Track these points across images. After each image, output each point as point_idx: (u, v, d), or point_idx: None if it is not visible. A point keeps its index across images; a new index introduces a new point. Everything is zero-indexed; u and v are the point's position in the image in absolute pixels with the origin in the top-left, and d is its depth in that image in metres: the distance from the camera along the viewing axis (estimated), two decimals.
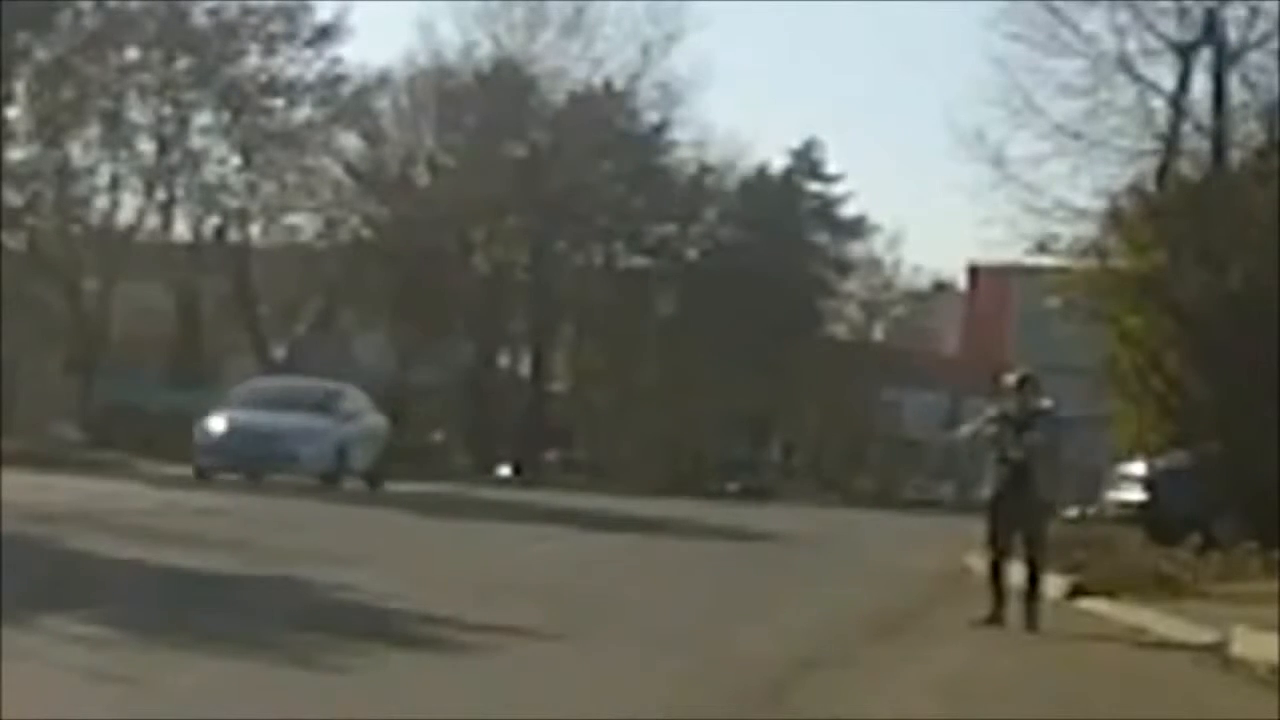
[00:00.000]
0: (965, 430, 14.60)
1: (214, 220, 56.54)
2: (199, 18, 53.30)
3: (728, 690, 9.56)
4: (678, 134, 67.58)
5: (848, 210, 74.54)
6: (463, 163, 61.53)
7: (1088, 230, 28.99)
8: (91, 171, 52.93)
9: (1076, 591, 16.19)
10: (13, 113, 48.44)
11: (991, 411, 13.96)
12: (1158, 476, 24.59)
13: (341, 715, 8.15)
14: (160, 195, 54.90)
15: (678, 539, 24.82)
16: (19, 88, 48.60)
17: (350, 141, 60.02)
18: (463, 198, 59.38)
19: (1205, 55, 29.46)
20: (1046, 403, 13.88)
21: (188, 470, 29.64)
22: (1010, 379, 13.91)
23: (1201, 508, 22.70)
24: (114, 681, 8.37)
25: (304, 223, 58.70)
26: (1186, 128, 29.69)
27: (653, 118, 66.99)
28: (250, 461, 29.29)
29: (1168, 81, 29.96)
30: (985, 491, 14.06)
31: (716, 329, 64.38)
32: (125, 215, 54.26)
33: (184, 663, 9.18)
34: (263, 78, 54.54)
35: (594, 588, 15.41)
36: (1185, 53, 29.60)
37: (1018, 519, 13.68)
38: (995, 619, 13.50)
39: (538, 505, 30.16)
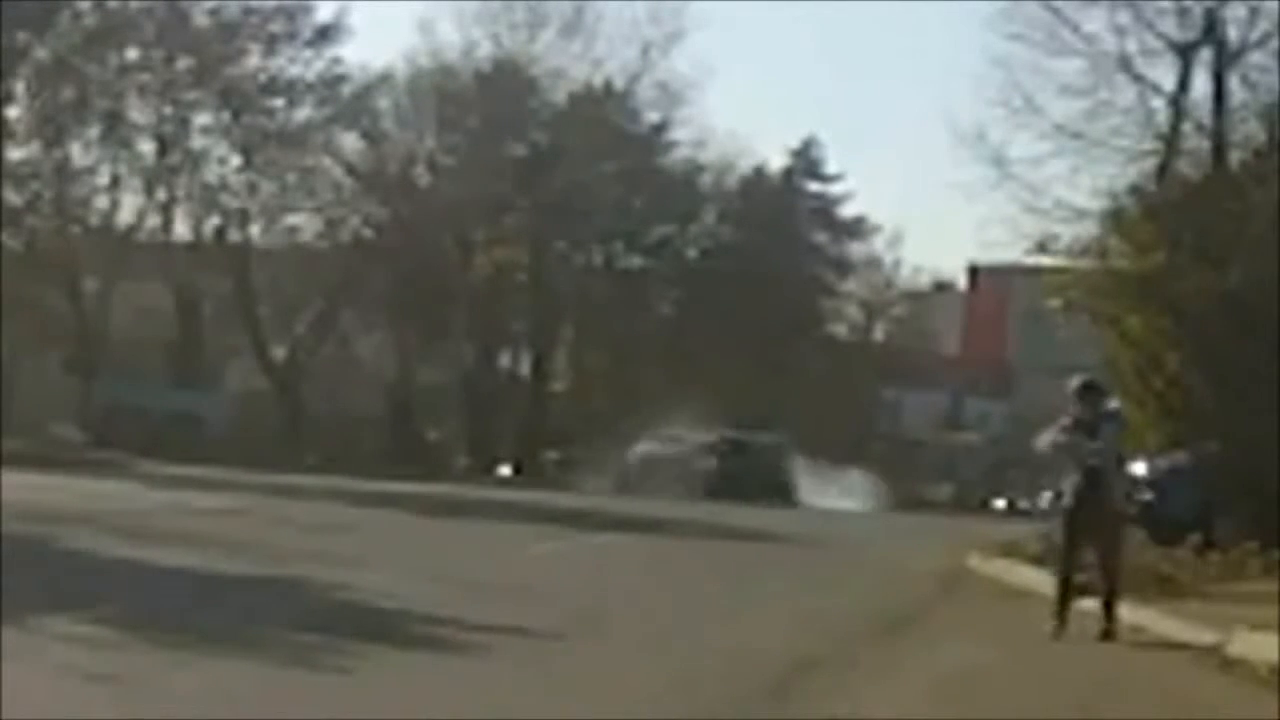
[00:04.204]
0: (1044, 440, 14.06)
1: (214, 220, 56.49)
2: (199, 18, 53.25)
3: (730, 690, 9.56)
4: (678, 134, 67.57)
5: (847, 210, 74.42)
6: (463, 163, 61.48)
7: (1088, 230, 28.90)
8: (91, 171, 52.89)
9: (1077, 592, 16.13)
10: (13, 113, 48.41)
11: (1065, 420, 13.62)
12: (1158, 476, 24.55)
13: (341, 715, 8.15)
14: (160, 195, 54.86)
15: (678, 539, 24.80)
16: (19, 88, 48.58)
17: (350, 141, 59.97)
18: (463, 198, 59.35)
19: (1205, 55, 29.38)
20: (1114, 404, 13.73)
21: (187, 470, 29.64)
22: (1072, 385, 13.57)
23: (1201, 508, 22.68)
24: (114, 682, 8.37)
25: (304, 223, 58.65)
26: (1186, 128, 29.59)
27: (653, 118, 66.95)
28: None
29: (1168, 81, 29.89)
30: (1066, 500, 13.61)
31: (716, 329, 64.31)
32: (125, 215, 54.23)
33: (184, 663, 9.18)
34: (263, 78, 54.52)
35: (594, 588, 15.41)
36: (1185, 53, 29.53)
37: (1092, 530, 13.48)
38: (1060, 630, 13.35)
39: (537, 505, 30.14)
